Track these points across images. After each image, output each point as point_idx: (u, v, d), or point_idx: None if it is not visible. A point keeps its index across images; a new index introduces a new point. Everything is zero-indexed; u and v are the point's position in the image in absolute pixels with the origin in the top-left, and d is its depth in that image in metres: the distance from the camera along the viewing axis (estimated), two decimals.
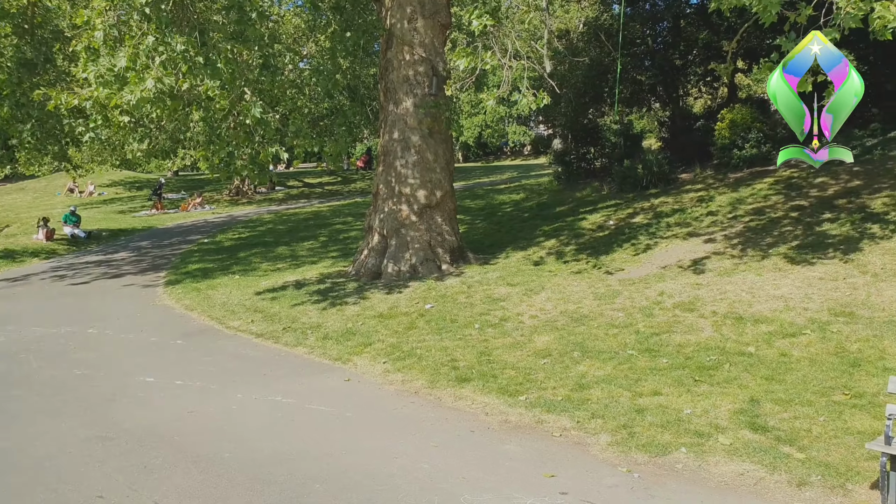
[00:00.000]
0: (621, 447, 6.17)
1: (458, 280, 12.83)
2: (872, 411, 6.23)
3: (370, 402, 7.75)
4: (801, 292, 9.51)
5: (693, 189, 17.63)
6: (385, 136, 14.26)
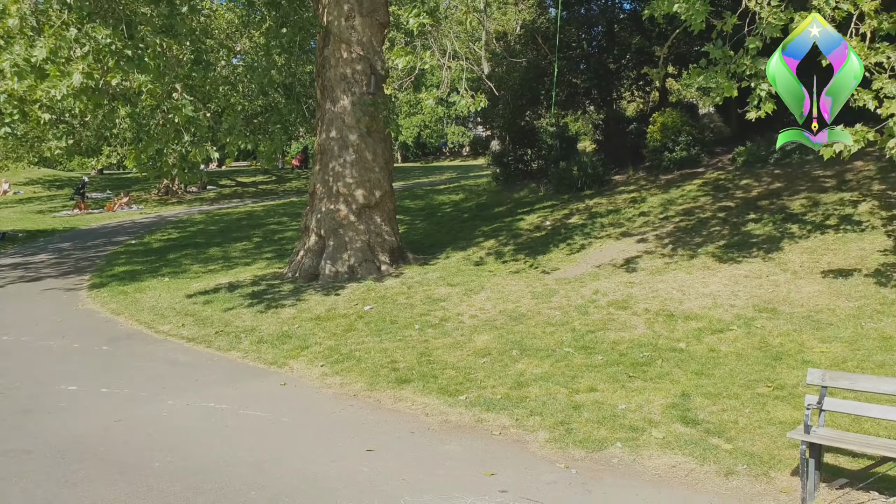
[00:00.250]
0: (559, 443, 6.26)
1: (398, 281, 12.78)
2: (793, 402, 6.52)
3: (307, 407, 7.61)
4: (728, 290, 9.88)
5: (626, 190, 18.09)
6: (322, 135, 14.07)
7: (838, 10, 9.14)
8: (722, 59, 9.57)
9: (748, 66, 9.40)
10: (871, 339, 7.58)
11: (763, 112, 9.30)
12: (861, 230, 10.93)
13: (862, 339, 7.62)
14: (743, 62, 9.41)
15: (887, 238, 10.38)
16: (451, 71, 11.46)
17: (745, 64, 9.38)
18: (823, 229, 11.41)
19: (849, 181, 13.61)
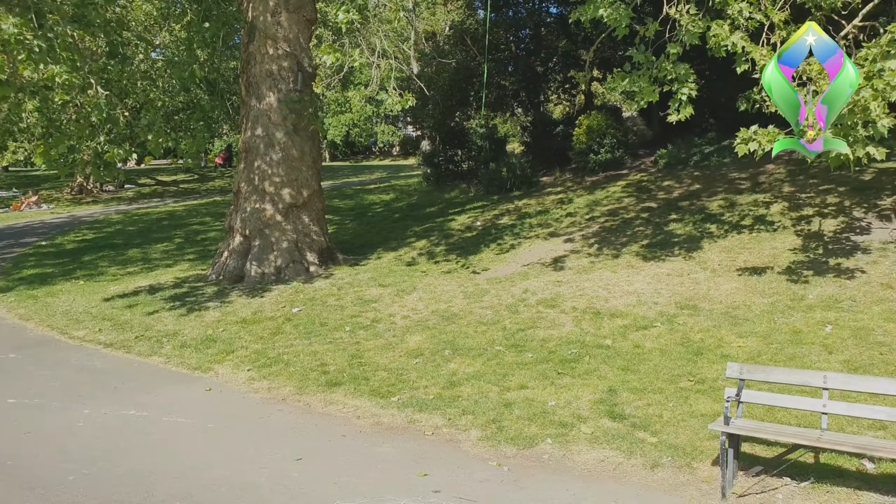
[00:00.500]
0: (491, 441, 6.30)
1: (328, 282, 12.59)
2: (713, 395, 6.78)
3: (234, 412, 7.38)
4: (652, 287, 10.20)
5: (554, 191, 18.45)
6: (247, 132, 13.71)
7: (751, 21, 9.63)
8: (645, 64, 9.89)
9: (669, 71, 9.77)
10: (783, 333, 7.98)
11: (683, 115, 9.69)
12: (773, 230, 11.50)
13: (775, 334, 8.01)
14: (664, 67, 9.77)
15: (797, 237, 10.96)
16: (381, 69, 11.38)
17: (666, 69, 9.74)
18: (739, 229, 11.95)
19: (762, 183, 14.31)
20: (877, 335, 7.53)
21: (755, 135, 8.43)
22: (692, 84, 9.62)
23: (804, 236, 10.91)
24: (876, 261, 9.49)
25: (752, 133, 8.47)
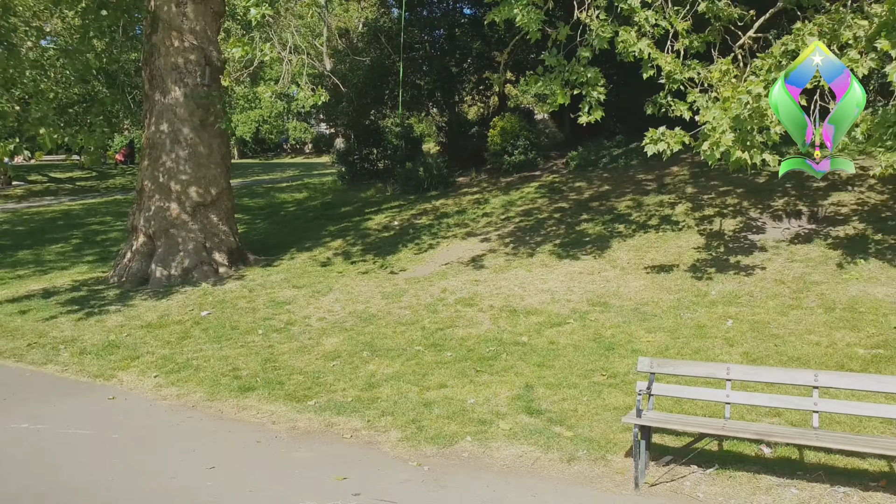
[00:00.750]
0: (411, 442, 6.26)
1: (239, 284, 12.19)
2: (624, 388, 7.02)
3: (141, 421, 7.01)
4: (565, 286, 10.46)
5: (470, 192, 18.61)
6: (151, 128, 13.10)
7: (657, 28, 10.05)
8: (557, 67, 10.13)
9: (580, 74, 10.04)
10: (689, 328, 8.36)
11: (594, 118, 9.98)
12: (678, 229, 12.04)
13: (681, 329, 8.38)
14: (576, 70, 10.03)
15: (699, 236, 11.52)
16: (292, 64, 11.12)
17: (577, 72, 10.01)
18: (646, 229, 12.44)
19: (667, 184, 14.96)
20: (772, 328, 8.01)
21: (663, 136, 8.80)
22: (602, 88, 9.93)
23: (706, 235, 11.48)
24: (770, 258, 10.10)
25: (661, 134, 8.83)
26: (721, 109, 8.25)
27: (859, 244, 9.96)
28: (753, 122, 7.98)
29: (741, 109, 8.05)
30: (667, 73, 9.95)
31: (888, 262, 9.21)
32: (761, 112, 7.88)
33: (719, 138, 7.93)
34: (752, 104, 7.84)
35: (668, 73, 9.95)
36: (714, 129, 8.00)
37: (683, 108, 10.02)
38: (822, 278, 9.11)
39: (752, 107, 7.85)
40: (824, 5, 9.94)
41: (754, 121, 7.97)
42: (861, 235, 10.24)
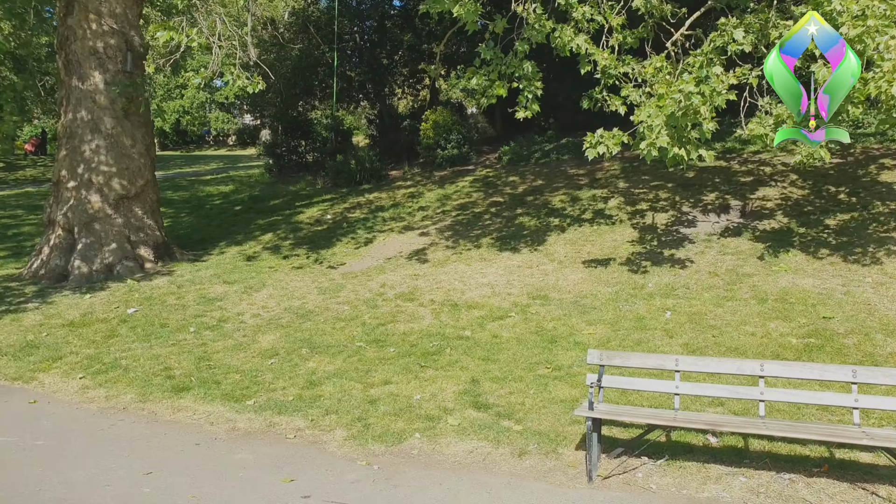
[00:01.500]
0: (358, 440, 6.11)
1: (167, 279, 11.65)
2: (569, 381, 7.08)
3: (67, 426, 6.56)
4: (504, 279, 10.49)
5: (404, 185, 18.46)
6: (68, 116, 12.34)
7: (593, 23, 10.18)
8: (494, 60, 10.12)
9: (517, 68, 10.06)
10: (629, 320, 8.52)
11: (530, 112, 10.03)
12: (612, 223, 12.29)
13: (621, 321, 8.53)
14: (513, 63, 10.05)
15: (633, 230, 11.79)
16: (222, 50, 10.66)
17: (514, 65, 10.03)
18: (581, 223, 12.63)
19: (599, 179, 15.26)
20: (709, 319, 8.26)
21: (602, 138, 8.91)
22: (538, 83, 9.99)
23: (640, 229, 11.76)
24: (703, 251, 10.43)
25: (599, 136, 8.95)
26: (656, 107, 8.43)
27: (785, 237, 10.42)
28: (687, 120, 8.18)
29: (675, 107, 8.25)
30: (602, 68, 10.11)
31: (812, 255, 9.67)
32: (694, 109, 8.10)
33: (655, 137, 8.09)
34: (685, 102, 8.03)
35: (604, 69, 10.11)
36: (650, 129, 8.17)
37: (618, 103, 10.21)
38: (753, 270, 9.48)
39: (684, 105, 8.04)
40: (749, 6, 10.32)
41: (688, 118, 8.18)
42: (786, 229, 10.72)
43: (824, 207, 11.30)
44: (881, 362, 7.00)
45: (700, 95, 8.22)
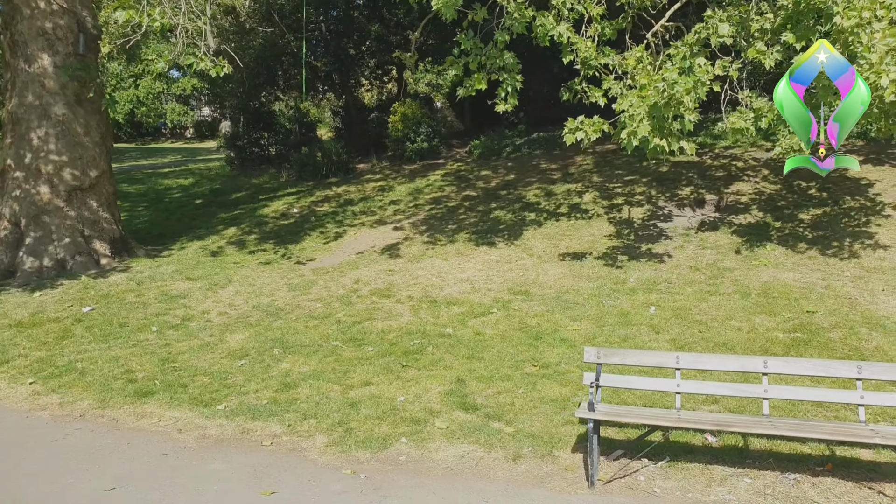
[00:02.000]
0: (340, 447, 5.71)
1: (125, 276, 11.02)
2: (558, 379, 6.80)
3: (17, 437, 6.00)
4: (483, 274, 10.17)
5: (372, 179, 18.00)
6: (14, 100, 11.57)
7: (573, 13, 9.92)
8: (473, 51, 9.78)
9: (497, 59, 9.74)
10: (613, 315, 8.28)
11: (510, 105, 9.73)
12: (588, 217, 12.08)
13: (605, 316, 8.29)
14: (493, 54, 9.72)
15: (609, 224, 11.60)
16: (185, 33, 10.08)
17: (494, 56, 9.70)
18: (557, 217, 12.40)
19: (572, 174, 15.07)
20: (694, 314, 8.08)
21: (581, 124, 8.66)
22: (518, 76, 9.68)
23: (616, 223, 11.58)
24: (682, 245, 10.29)
25: (579, 123, 8.69)
26: (638, 97, 8.21)
27: (762, 231, 10.34)
28: (670, 110, 7.98)
29: (658, 97, 8.04)
30: (582, 58, 9.86)
31: (790, 249, 9.59)
32: (677, 100, 7.90)
33: (637, 127, 7.87)
34: (669, 91, 7.83)
35: (584, 59, 9.86)
36: (632, 118, 7.95)
37: (598, 95, 9.98)
38: (733, 265, 9.35)
39: (668, 94, 7.84)
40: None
41: (671, 108, 7.97)
42: (762, 223, 10.65)
43: (797, 202, 11.28)
44: (868, 356, 6.91)
45: (684, 85, 8.02)
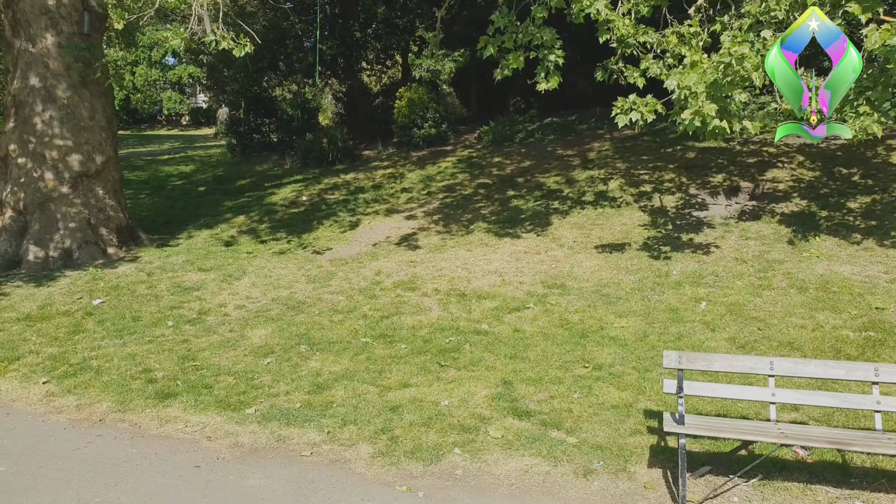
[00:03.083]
0: (388, 458, 5.22)
1: (134, 266, 10.47)
2: (614, 382, 6.32)
3: (33, 446, 5.49)
4: (512, 266, 9.68)
5: (381, 166, 17.45)
6: (17, 82, 10.96)
7: None
8: (508, 28, 9.22)
9: (535, 36, 9.18)
10: (661, 311, 7.80)
11: (552, 84, 9.18)
12: (617, 206, 11.58)
13: (653, 312, 7.81)
14: (530, 31, 9.16)
15: (642, 213, 11.10)
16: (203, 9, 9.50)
17: (532, 33, 9.15)
18: (583, 205, 11.90)
19: (591, 160, 14.54)
20: (749, 310, 7.60)
21: (634, 105, 8.14)
22: (559, 51, 9.14)
23: (649, 212, 11.08)
24: (723, 235, 9.80)
25: (632, 103, 8.18)
26: (699, 73, 7.67)
27: (807, 221, 9.86)
28: (733, 88, 7.46)
29: (717, 74, 7.52)
30: (620, 36, 9.32)
31: (843, 239, 9.12)
32: (741, 76, 7.38)
33: (702, 106, 7.35)
34: (736, 66, 7.30)
35: (622, 37, 9.32)
36: (695, 96, 7.42)
37: (636, 75, 9.45)
38: (782, 256, 8.88)
39: (733, 70, 7.31)
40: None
41: (734, 85, 7.46)
42: (806, 212, 10.17)
43: (841, 190, 10.79)
44: None
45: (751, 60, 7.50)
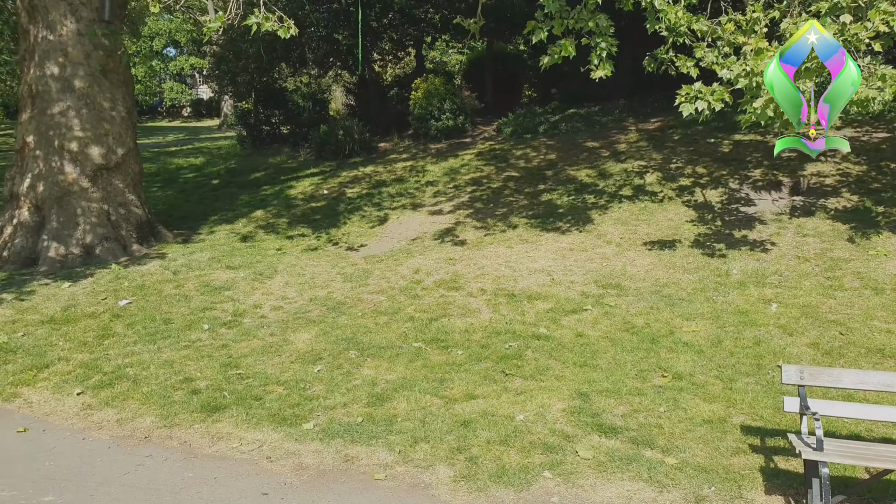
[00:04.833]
0: (472, 482, 4.76)
1: (158, 264, 9.97)
2: (699, 393, 5.88)
3: (78, 469, 5.00)
4: (559, 264, 9.21)
5: (399, 158, 16.94)
6: (34, 71, 10.40)
7: None
8: (559, 13, 8.72)
9: (586, 22, 8.69)
10: (730, 314, 7.35)
11: (606, 72, 8.69)
12: (659, 200, 11.11)
13: (722, 315, 7.36)
14: (582, 17, 8.67)
15: (687, 208, 10.64)
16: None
17: (584, 18, 8.65)
18: (621, 199, 11.43)
19: (621, 152, 14.05)
20: (825, 313, 7.16)
21: (700, 93, 7.67)
22: (612, 39, 8.64)
23: (694, 207, 10.62)
24: (778, 232, 9.35)
25: (697, 91, 7.71)
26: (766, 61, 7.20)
27: (864, 217, 9.41)
28: (811, 75, 6.99)
29: None
30: (672, 24, 8.83)
31: None
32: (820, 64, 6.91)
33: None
34: None
35: (674, 25, 8.84)
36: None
37: (690, 65, 8.97)
38: (846, 255, 8.43)
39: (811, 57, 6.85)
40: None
41: (812, 73, 6.98)
42: (860, 208, 9.72)
43: (894, 184, 10.35)
44: None
45: None
